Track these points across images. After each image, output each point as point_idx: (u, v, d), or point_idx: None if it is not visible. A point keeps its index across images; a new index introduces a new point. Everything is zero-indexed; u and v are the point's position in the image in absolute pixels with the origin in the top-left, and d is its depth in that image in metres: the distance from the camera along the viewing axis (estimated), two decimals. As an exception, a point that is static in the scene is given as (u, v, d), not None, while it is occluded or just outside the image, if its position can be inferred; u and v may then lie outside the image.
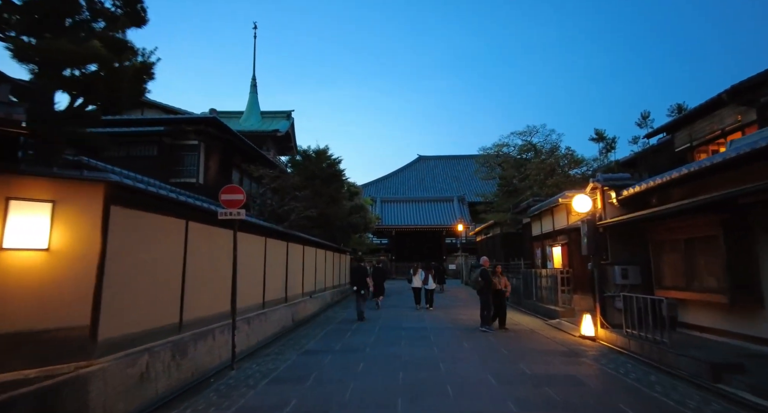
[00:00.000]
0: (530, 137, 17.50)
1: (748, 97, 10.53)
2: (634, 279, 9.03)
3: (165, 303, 5.82)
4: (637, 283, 9.00)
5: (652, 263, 8.80)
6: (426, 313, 13.24)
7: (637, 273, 9.04)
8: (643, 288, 8.99)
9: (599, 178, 9.67)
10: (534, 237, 15.35)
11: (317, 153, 16.42)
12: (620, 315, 9.13)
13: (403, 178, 47.81)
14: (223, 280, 7.09)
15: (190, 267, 6.31)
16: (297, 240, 12.55)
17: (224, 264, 7.12)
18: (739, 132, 11.36)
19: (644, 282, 8.98)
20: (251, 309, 8.79)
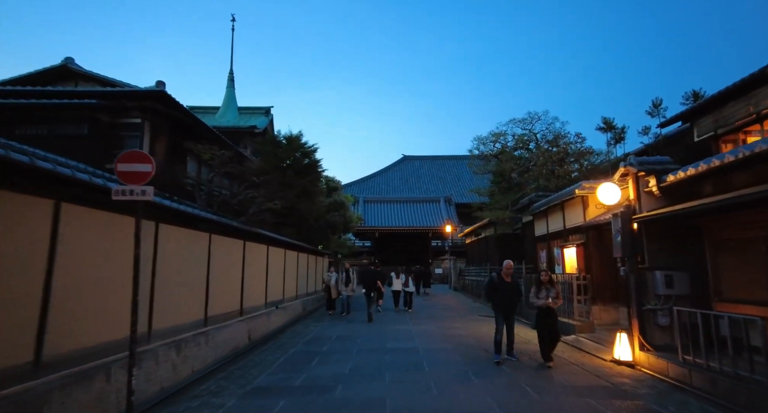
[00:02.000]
0: (531, 125, 15.68)
1: None
2: (680, 288, 7.11)
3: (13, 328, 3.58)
4: (685, 293, 7.09)
5: (710, 268, 6.88)
6: (414, 327, 11.13)
7: (684, 280, 7.13)
8: (693, 299, 7.08)
9: (632, 161, 7.74)
10: (538, 237, 13.43)
11: (288, 139, 14.20)
12: (663, 334, 7.20)
13: (387, 178, 45.81)
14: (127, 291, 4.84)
15: (61, 273, 4.07)
16: (259, 239, 10.31)
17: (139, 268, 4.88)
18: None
19: (695, 292, 7.08)
20: (185, 328, 6.53)
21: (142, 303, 4.94)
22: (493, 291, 7.34)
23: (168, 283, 6.06)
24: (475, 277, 21.58)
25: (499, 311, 7.25)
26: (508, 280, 7.28)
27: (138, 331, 4.60)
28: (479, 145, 16.88)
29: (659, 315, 7.19)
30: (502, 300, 7.19)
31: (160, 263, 5.84)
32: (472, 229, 22.81)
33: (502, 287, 7.21)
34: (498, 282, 7.25)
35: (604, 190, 8.37)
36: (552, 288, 6.95)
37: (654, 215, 6.99)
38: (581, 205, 10.15)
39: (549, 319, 6.96)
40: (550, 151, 14.05)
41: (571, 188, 10.36)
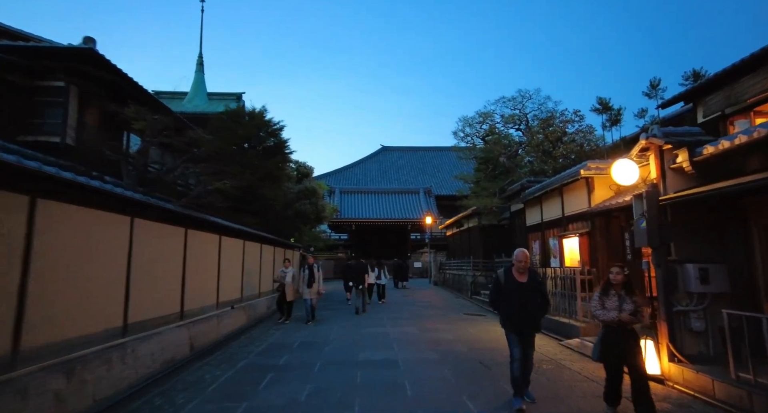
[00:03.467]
0: (522, 104, 14.31)
1: None
2: (717, 284, 5.83)
3: None
4: (723, 291, 5.81)
5: (759, 260, 5.59)
6: (393, 329, 9.65)
7: (722, 275, 5.86)
8: (734, 299, 5.82)
9: (656, 132, 6.40)
10: (530, 227, 12.12)
11: (251, 115, 12.42)
12: (695, 341, 5.91)
13: (364, 168, 44.16)
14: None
15: None
16: (206, 227, 8.58)
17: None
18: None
19: (736, 289, 5.81)
20: (87, 341, 4.84)
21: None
22: (499, 296, 4.82)
23: (56, 281, 4.35)
24: (457, 271, 20.30)
25: (510, 328, 4.71)
26: (522, 279, 4.72)
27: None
28: (465, 127, 15.50)
29: (692, 317, 5.90)
30: (514, 309, 4.63)
31: (39, 254, 4.13)
32: (454, 220, 21.50)
33: (515, 289, 4.65)
34: (507, 283, 4.71)
35: (620, 168, 7.03)
36: (629, 297, 4.20)
37: (688, 195, 5.65)
38: (585, 189, 8.82)
39: (625, 345, 4.15)
40: (546, 130, 12.71)
41: (575, 169, 9.03)
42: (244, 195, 12.00)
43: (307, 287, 10.50)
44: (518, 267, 4.78)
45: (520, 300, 4.63)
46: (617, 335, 4.19)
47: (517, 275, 4.76)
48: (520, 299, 4.63)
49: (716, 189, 5.16)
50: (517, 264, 4.78)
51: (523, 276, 4.76)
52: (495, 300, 5.00)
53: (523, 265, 4.76)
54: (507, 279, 4.76)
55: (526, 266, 4.80)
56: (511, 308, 4.67)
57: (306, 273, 10.60)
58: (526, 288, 4.69)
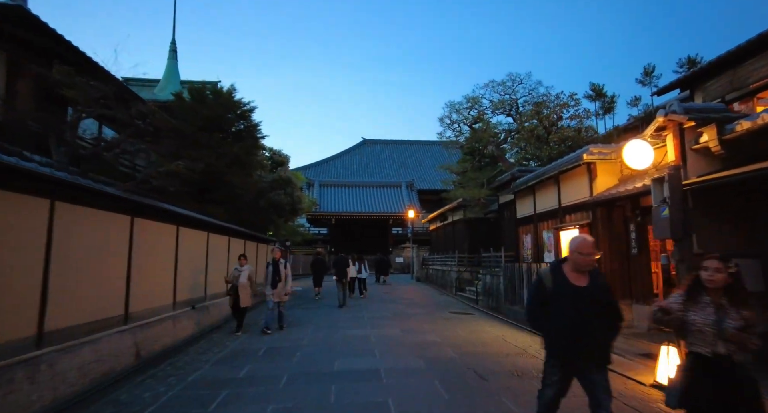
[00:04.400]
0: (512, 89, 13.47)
1: None
2: (750, 283, 5.06)
3: None
4: (758, 289, 5.06)
5: None
6: (374, 331, 8.70)
7: (756, 272, 5.11)
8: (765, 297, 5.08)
9: (676, 108, 5.59)
10: (521, 219, 11.33)
11: (216, 93, 11.21)
12: (724, 347, 5.16)
13: (345, 161, 42.93)
14: None
15: None
16: (159, 217, 7.42)
17: None
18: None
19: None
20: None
21: None
22: (542, 307, 3.04)
23: None
24: (440, 267, 19.51)
25: (559, 358, 3.00)
26: (580, 282, 2.96)
27: None
28: (451, 113, 14.61)
29: (720, 320, 5.14)
30: (566, 329, 2.90)
31: None
32: (438, 214, 20.66)
33: (569, 298, 2.92)
34: (557, 287, 2.97)
35: (633, 150, 6.23)
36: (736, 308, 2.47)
37: (721, 178, 4.85)
38: (587, 176, 8.02)
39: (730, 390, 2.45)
40: (540, 114, 11.90)
41: (575, 154, 8.22)
42: (209, 182, 10.83)
43: (271, 287, 8.58)
44: (577, 264, 2.94)
45: (578, 314, 2.85)
46: (716, 372, 2.45)
47: (573, 276, 2.95)
48: (577, 312, 2.85)
49: (763, 169, 4.36)
50: (577, 258, 2.93)
51: (583, 278, 2.95)
52: (534, 312, 3.11)
53: (588, 261, 2.93)
54: (557, 281, 2.96)
55: (591, 262, 2.96)
56: (562, 326, 2.89)
57: (270, 270, 8.68)
58: (586, 296, 2.88)
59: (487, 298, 12.64)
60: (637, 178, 6.97)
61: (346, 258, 13.74)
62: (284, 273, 8.73)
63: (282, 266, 8.74)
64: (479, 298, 13.37)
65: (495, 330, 8.83)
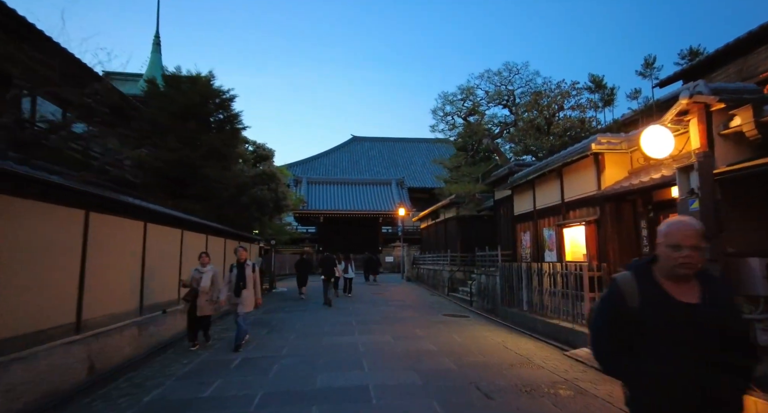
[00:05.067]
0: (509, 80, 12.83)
1: None
2: (790, 284, 4.47)
3: None
4: (797, 294, 4.46)
5: None
6: (362, 338, 7.99)
7: (795, 272, 4.50)
8: None
9: (702, 88, 4.96)
10: (519, 216, 10.70)
11: (193, 80, 10.37)
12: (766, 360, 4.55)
13: (334, 159, 42.09)
14: None
15: None
16: (122, 211, 6.60)
17: None
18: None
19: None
20: None
21: None
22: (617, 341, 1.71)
23: None
24: (432, 266, 18.86)
25: None
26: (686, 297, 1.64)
27: None
28: (445, 104, 13.94)
29: (758, 329, 4.52)
30: (679, 381, 1.57)
31: None
32: (430, 212, 20.01)
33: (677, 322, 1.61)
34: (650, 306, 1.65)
35: (651, 137, 5.60)
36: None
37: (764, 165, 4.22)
38: (594, 168, 7.39)
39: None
40: (539, 103, 11.27)
41: (582, 144, 7.59)
42: (185, 175, 10.00)
43: (234, 292, 6.98)
44: (670, 266, 1.67)
45: (697, 354, 1.58)
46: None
47: (673, 286, 1.68)
48: (694, 352, 1.58)
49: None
50: (668, 255, 1.66)
51: (689, 290, 1.68)
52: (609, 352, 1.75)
53: (692, 261, 1.63)
54: (649, 296, 1.68)
55: (694, 262, 1.63)
56: (670, 379, 1.59)
57: (233, 274, 7.06)
58: (704, 322, 1.60)
59: (481, 300, 12.00)
60: (651, 170, 6.35)
61: (332, 257, 13.62)
62: (251, 279, 7.05)
63: (249, 269, 7.10)
64: (473, 299, 12.73)
65: (494, 335, 8.17)
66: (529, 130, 10.99)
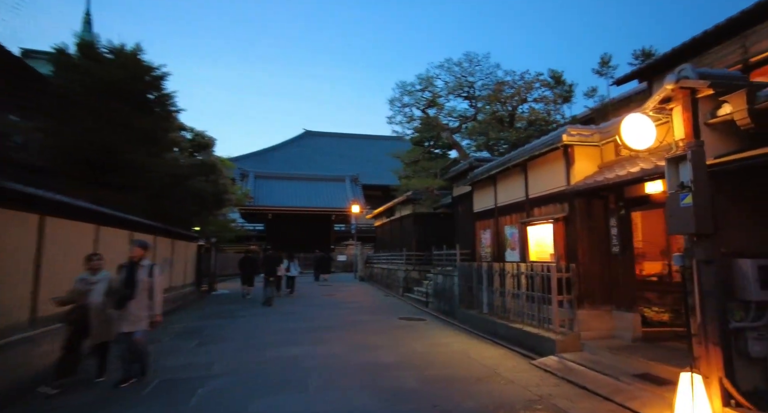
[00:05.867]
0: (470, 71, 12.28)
1: None
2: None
3: None
4: (788, 298, 4.08)
5: None
6: (311, 349, 7.06)
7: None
8: None
9: (689, 73, 4.51)
10: (479, 213, 10.18)
11: (116, 51, 8.92)
12: (752, 371, 4.13)
13: (285, 153, 40.34)
14: None
15: None
16: (7, 201, 5.24)
17: None
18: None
19: (805, 294, 4.11)
20: None
21: None
22: None
23: None
24: (386, 265, 18.15)
25: None
26: None
27: None
28: (402, 95, 13.20)
29: (749, 338, 4.10)
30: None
31: None
32: (385, 209, 19.29)
33: None
34: None
35: (631, 126, 5.14)
36: None
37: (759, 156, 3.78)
38: (563, 162, 6.92)
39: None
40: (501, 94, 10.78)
41: (550, 136, 7.10)
42: (105, 160, 8.56)
43: (116, 307, 5.04)
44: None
45: None
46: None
47: None
48: None
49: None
50: None
51: None
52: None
53: None
54: None
55: None
56: None
57: (121, 278, 5.14)
58: None
59: (438, 301, 11.41)
60: (625, 164, 5.93)
61: (276, 255, 13.52)
62: (146, 285, 5.14)
63: (143, 272, 5.19)
64: (429, 301, 12.13)
65: (455, 342, 7.53)
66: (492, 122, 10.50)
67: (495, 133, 10.73)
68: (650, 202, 6.07)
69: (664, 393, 4.41)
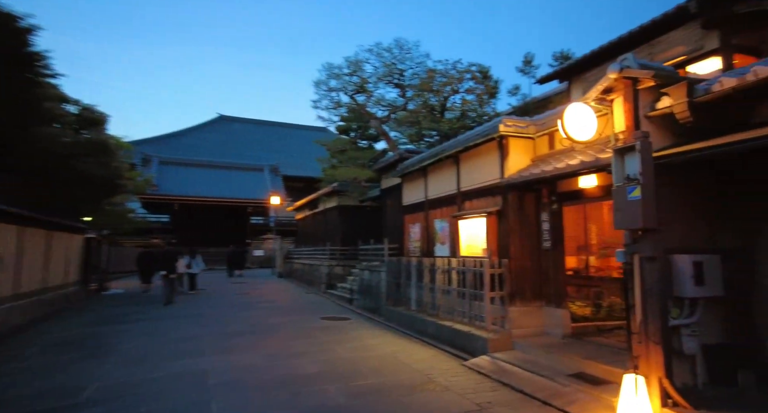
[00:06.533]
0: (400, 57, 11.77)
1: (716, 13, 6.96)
2: (713, 285, 4.09)
3: None
4: (717, 294, 4.10)
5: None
6: (218, 359, 6.08)
7: (717, 271, 4.14)
8: (730, 306, 4.19)
9: (631, 63, 4.38)
10: (409, 206, 9.78)
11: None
12: (683, 369, 4.10)
13: (196, 139, 37.01)
14: None
15: None
16: None
17: None
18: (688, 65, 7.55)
19: (731, 291, 4.15)
20: None
21: None
22: None
23: None
24: (308, 261, 17.22)
25: None
26: None
27: None
28: (330, 78, 12.30)
29: (684, 335, 4.05)
30: None
31: None
32: (308, 201, 18.27)
33: None
34: None
35: (574, 115, 4.96)
36: None
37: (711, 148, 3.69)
38: (497, 154, 6.68)
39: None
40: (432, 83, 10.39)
41: (485, 127, 6.83)
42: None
43: None
44: None
45: None
46: None
47: None
48: None
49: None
50: None
51: None
52: None
53: None
54: None
55: None
56: None
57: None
58: None
59: (363, 298, 10.87)
60: (560, 157, 5.80)
61: (175, 251, 12.92)
62: None
63: None
64: (354, 297, 11.54)
65: (383, 343, 7.01)
66: (423, 111, 10.12)
67: (427, 122, 10.39)
68: (583, 196, 6.02)
69: (601, 394, 4.26)
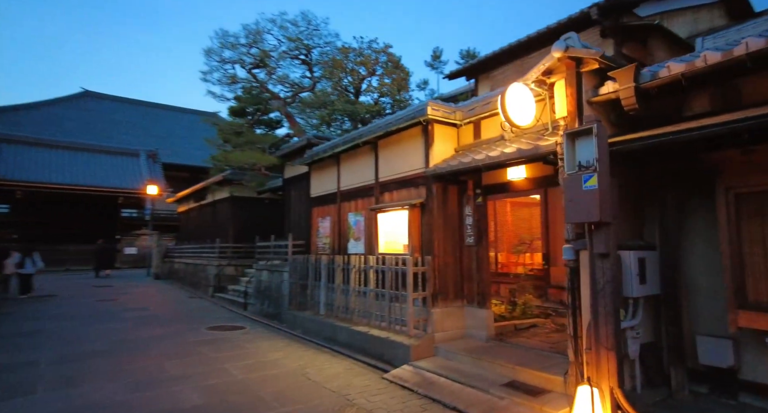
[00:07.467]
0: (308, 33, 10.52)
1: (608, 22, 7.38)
2: (653, 283, 3.91)
3: None
4: (655, 292, 3.93)
5: (727, 246, 3.76)
6: (56, 397, 4.43)
7: (655, 268, 3.97)
8: (669, 305, 4.05)
9: (574, 42, 4.04)
10: (318, 198, 8.75)
11: None
12: (629, 372, 3.84)
13: (52, 116, 30.76)
14: None
15: None
16: None
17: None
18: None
19: (669, 289, 4.00)
20: None
21: None
22: None
23: None
24: (193, 260, 15.04)
25: None
26: None
27: None
28: (223, 47, 10.52)
29: (629, 337, 3.78)
30: None
31: None
32: (193, 191, 15.98)
33: None
34: None
35: (515, 95, 4.50)
36: None
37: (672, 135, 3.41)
38: (422, 142, 6.07)
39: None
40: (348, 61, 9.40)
41: (408, 111, 6.16)
42: None
43: None
44: None
45: None
46: None
47: None
48: None
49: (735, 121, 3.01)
50: None
51: None
52: None
53: None
54: None
55: None
56: None
57: None
58: None
59: (261, 302, 9.56)
60: (489, 146, 5.36)
61: (4, 248, 12.10)
62: None
63: None
64: (249, 302, 10.15)
65: (287, 356, 5.94)
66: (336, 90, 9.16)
67: (341, 103, 9.42)
68: (510, 189, 5.69)
69: (543, 407, 3.83)
